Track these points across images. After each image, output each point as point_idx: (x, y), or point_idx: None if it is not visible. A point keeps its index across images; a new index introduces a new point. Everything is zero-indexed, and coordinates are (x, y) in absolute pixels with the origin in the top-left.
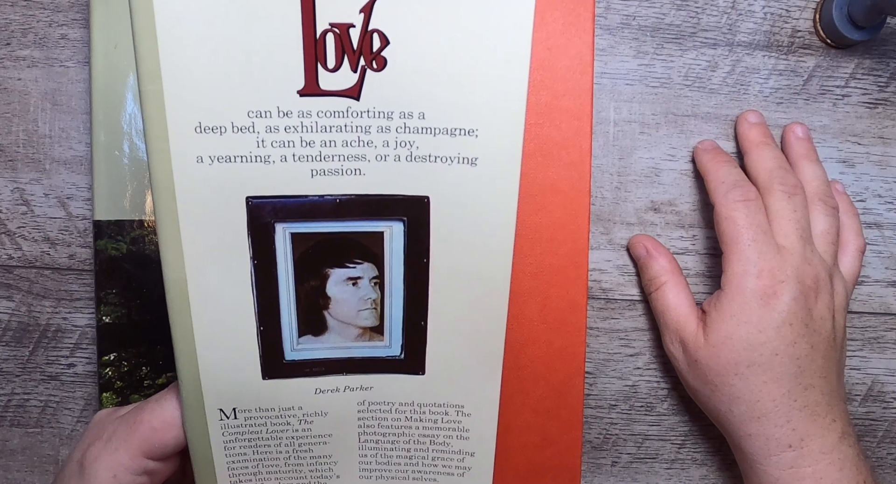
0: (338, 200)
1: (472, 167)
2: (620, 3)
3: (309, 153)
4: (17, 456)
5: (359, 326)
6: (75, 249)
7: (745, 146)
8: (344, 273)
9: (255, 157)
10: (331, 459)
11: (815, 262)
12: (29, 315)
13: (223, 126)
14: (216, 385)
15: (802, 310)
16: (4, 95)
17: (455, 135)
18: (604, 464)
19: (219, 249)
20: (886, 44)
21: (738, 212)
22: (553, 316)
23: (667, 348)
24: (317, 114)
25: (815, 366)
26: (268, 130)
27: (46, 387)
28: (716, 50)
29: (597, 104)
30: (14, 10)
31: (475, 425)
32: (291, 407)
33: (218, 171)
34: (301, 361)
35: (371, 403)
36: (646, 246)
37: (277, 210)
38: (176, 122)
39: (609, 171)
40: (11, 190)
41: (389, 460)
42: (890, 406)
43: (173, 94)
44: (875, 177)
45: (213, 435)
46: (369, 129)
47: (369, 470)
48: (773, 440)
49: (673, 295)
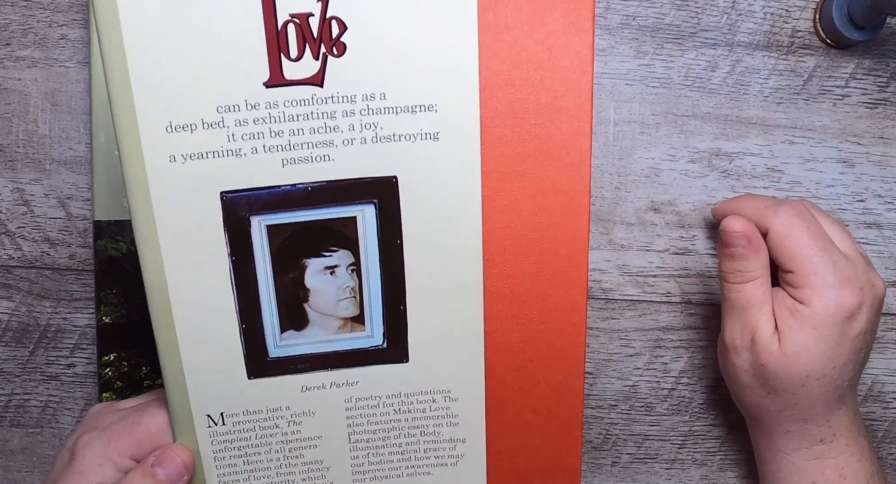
0: (309, 188)
1: (435, 142)
2: (620, 3)
3: (278, 143)
4: (17, 456)
5: (339, 316)
6: (75, 249)
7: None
8: (321, 262)
9: (227, 151)
10: (322, 464)
11: (865, 265)
12: (29, 315)
13: (194, 123)
14: (202, 388)
15: (873, 319)
16: (4, 95)
17: (416, 112)
18: (604, 464)
19: (197, 249)
20: (886, 44)
21: (796, 227)
22: (553, 316)
23: (730, 341)
24: (283, 103)
25: (861, 367)
26: (237, 124)
27: (46, 387)
28: (716, 50)
29: (597, 104)
30: (14, 10)
31: (463, 410)
32: (279, 407)
33: (191, 168)
34: (285, 358)
35: (358, 399)
36: (748, 235)
37: (252, 202)
38: (147, 124)
39: (609, 171)
40: (11, 190)
41: (382, 459)
42: (890, 406)
43: (142, 96)
44: (875, 177)
45: (202, 445)
46: (335, 115)
47: (362, 472)
48: (809, 436)
49: (762, 292)
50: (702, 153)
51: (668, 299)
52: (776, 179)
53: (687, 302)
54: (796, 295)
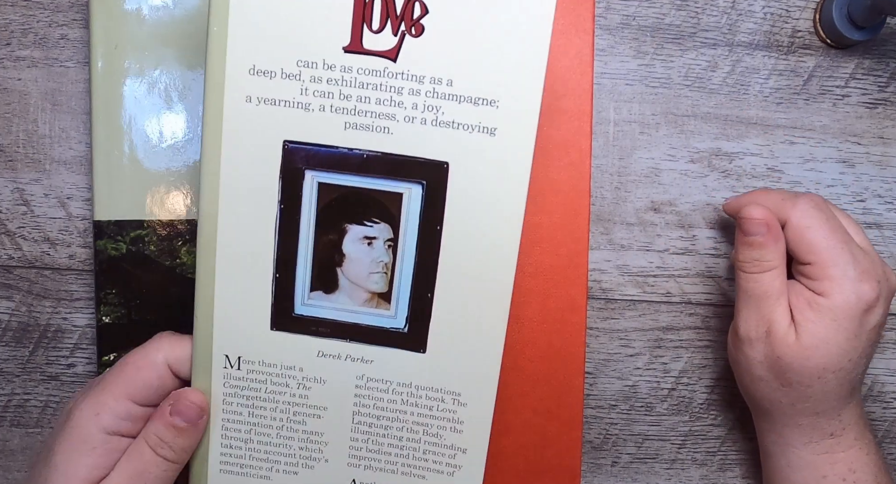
0: (365, 155)
1: (491, 137)
2: (620, 3)
3: (345, 106)
4: (17, 456)
5: (368, 289)
6: (75, 249)
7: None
8: (361, 231)
9: (297, 103)
10: (322, 437)
11: (880, 259)
12: (29, 315)
13: (273, 71)
14: (227, 327)
15: (886, 312)
16: (4, 95)
17: (478, 104)
18: (604, 464)
19: (252, 189)
20: (886, 44)
21: (816, 219)
22: (553, 316)
23: (744, 332)
24: (357, 70)
25: (870, 361)
26: (311, 80)
27: (46, 387)
28: (716, 50)
29: (597, 104)
30: (14, 10)
31: (470, 418)
32: (293, 366)
33: (263, 111)
34: (309, 318)
35: (370, 378)
36: (768, 224)
37: (309, 157)
38: (234, 63)
39: (609, 171)
40: (11, 190)
41: (380, 449)
42: (890, 406)
43: (235, 37)
44: (875, 177)
45: (214, 385)
46: (402, 91)
47: (358, 457)
48: (820, 429)
49: (779, 282)
50: (702, 153)
51: (668, 299)
52: (776, 179)
53: (687, 302)
54: (814, 287)
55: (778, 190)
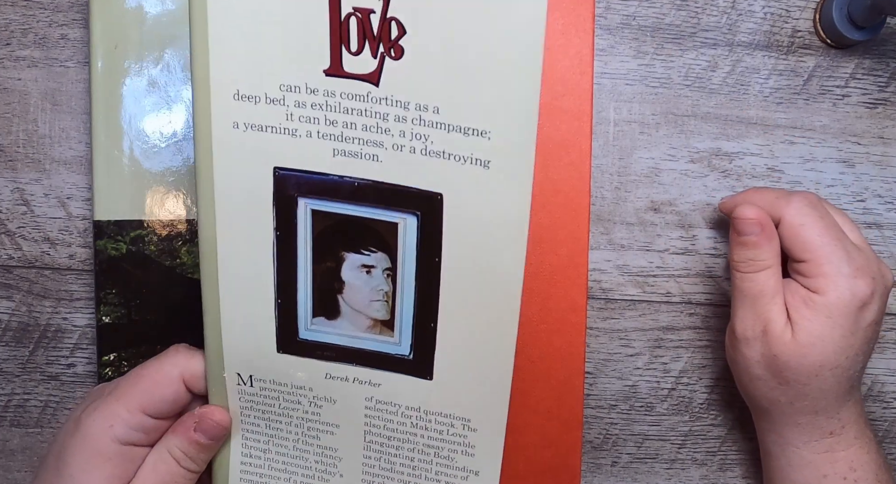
0: (356, 183)
1: (486, 170)
2: (620, 3)
3: (332, 132)
4: (17, 456)
5: (370, 316)
6: (75, 249)
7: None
8: (358, 259)
9: (284, 129)
10: (336, 453)
11: (874, 255)
12: (29, 315)
13: (258, 96)
14: (236, 349)
15: (883, 309)
16: (4, 95)
17: (468, 134)
18: (604, 464)
19: (247, 215)
20: (886, 44)
21: (809, 217)
22: (553, 316)
23: (741, 332)
24: (340, 94)
25: (868, 359)
26: (296, 105)
27: (46, 387)
28: (716, 50)
29: (597, 104)
30: (14, 10)
31: (481, 443)
32: (303, 387)
33: (251, 138)
34: (314, 342)
35: (378, 401)
36: (761, 223)
37: (301, 184)
38: (218, 88)
39: (609, 171)
40: (11, 190)
41: (393, 467)
42: (890, 406)
43: (218, 61)
44: (875, 177)
45: (230, 397)
46: (387, 117)
47: (372, 474)
48: (819, 428)
49: (774, 281)
50: (702, 153)
51: (668, 299)
52: (776, 179)
53: (687, 302)
54: (809, 285)
55: (772, 188)
